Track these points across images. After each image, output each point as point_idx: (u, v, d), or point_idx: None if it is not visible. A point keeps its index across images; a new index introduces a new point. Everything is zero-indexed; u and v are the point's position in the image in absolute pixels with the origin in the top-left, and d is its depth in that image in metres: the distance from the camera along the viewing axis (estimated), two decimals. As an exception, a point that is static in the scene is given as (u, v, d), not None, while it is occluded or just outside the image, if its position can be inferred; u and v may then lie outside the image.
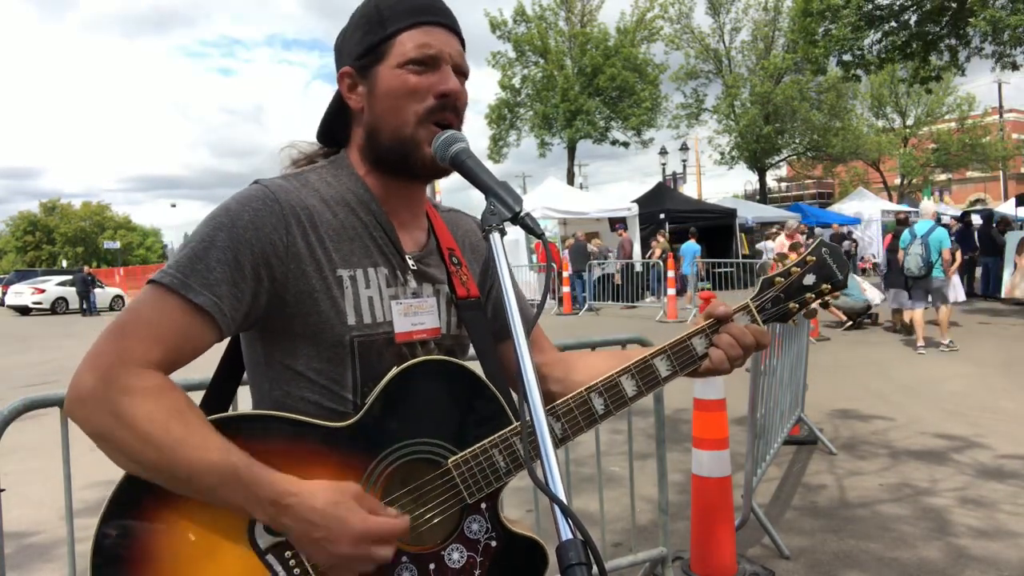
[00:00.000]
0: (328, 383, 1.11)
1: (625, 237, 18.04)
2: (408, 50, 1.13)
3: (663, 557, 3.22)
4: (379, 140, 1.16)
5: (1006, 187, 39.36)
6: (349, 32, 1.19)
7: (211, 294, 1.03)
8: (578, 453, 4.65)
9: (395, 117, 1.14)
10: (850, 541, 3.64)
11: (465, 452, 1.10)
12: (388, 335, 1.14)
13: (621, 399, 1.16)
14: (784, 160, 35.25)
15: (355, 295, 1.12)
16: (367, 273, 1.14)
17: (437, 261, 1.24)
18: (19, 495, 4.38)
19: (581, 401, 1.15)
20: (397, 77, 1.13)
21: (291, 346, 1.11)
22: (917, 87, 18.82)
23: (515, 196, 1.12)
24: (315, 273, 1.09)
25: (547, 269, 1.27)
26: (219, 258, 1.04)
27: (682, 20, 30.31)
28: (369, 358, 1.12)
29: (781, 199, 41.54)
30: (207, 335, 1.04)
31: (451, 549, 1.10)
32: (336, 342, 1.10)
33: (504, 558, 1.12)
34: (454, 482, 1.09)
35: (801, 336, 5.24)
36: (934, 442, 5.30)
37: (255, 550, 1.03)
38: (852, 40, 15.59)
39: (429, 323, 1.18)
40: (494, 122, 29.57)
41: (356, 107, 1.17)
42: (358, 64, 1.16)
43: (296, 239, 1.08)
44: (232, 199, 1.10)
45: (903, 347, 9.56)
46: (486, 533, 1.11)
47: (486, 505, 1.12)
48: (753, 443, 3.65)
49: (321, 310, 1.09)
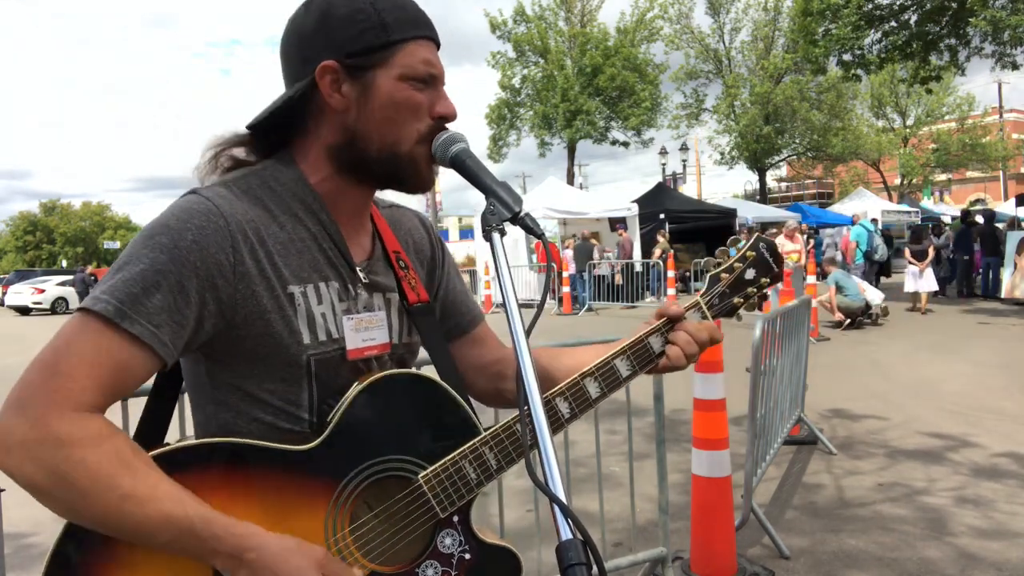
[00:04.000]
0: (283, 404, 1.06)
1: (625, 237, 18.03)
2: (415, 63, 1.08)
3: (663, 557, 3.22)
4: (366, 148, 1.09)
5: (1006, 187, 39.34)
6: (331, 23, 1.07)
7: (150, 324, 0.95)
8: (578, 453, 4.65)
9: (393, 130, 1.09)
10: (850, 541, 3.64)
11: (435, 466, 1.08)
12: (342, 351, 1.09)
13: (586, 401, 1.18)
14: (784, 160, 35.25)
15: (308, 312, 1.06)
16: (318, 288, 1.08)
17: (385, 268, 1.20)
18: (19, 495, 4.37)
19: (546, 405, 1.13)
20: (400, 89, 1.07)
21: (241, 367, 1.04)
22: (917, 87, 18.81)
23: (515, 196, 1.13)
24: (266, 292, 1.03)
25: (547, 269, 1.27)
26: (159, 283, 0.96)
27: (682, 20, 30.34)
28: (326, 376, 1.08)
29: (781, 199, 41.49)
30: (147, 367, 0.97)
31: (425, 566, 1.08)
32: (292, 362, 1.05)
33: (478, 570, 1.11)
34: (426, 498, 1.07)
35: (801, 336, 5.24)
36: (933, 442, 5.30)
37: None
38: (852, 40, 15.58)
39: (379, 338, 1.15)
40: (494, 122, 29.57)
41: (339, 107, 1.08)
42: (350, 62, 1.06)
43: (244, 257, 1.01)
44: (171, 214, 1.01)
45: (903, 347, 9.56)
46: (460, 546, 1.10)
47: (458, 518, 1.10)
48: (753, 443, 3.65)
49: (274, 331, 1.03)
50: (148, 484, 0.92)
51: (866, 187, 34.17)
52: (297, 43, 1.10)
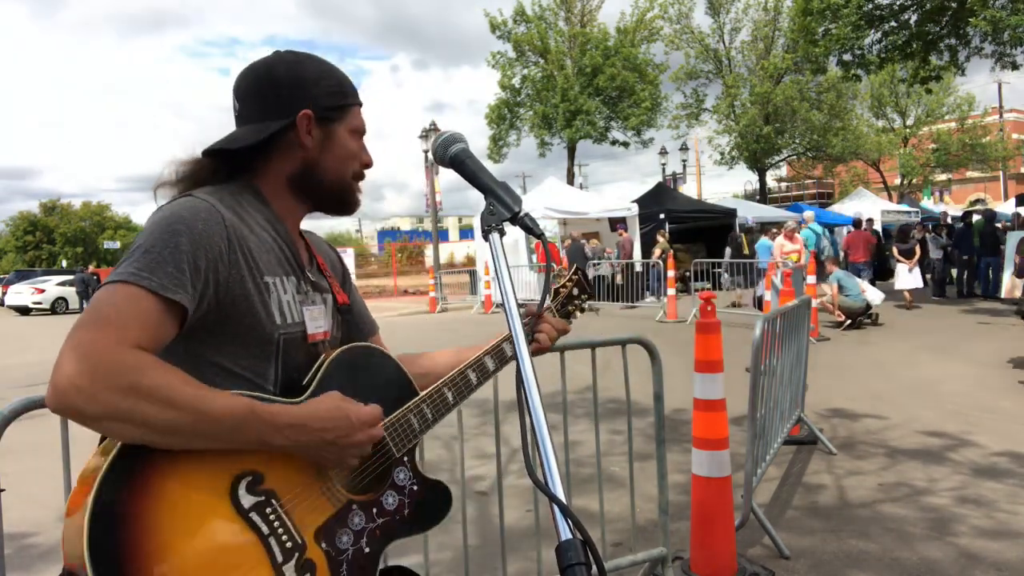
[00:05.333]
0: (252, 376, 1.24)
1: (625, 237, 18.03)
2: (359, 123, 1.40)
3: (663, 557, 3.22)
4: (322, 179, 1.37)
5: (1006, 187, 39.35)
6: (308, 80, 1.33)
7: (184, 291, 1.12)
8: (578, 453, 4.65)
9: (343, 169, 1.38)
10: (850, 541, 3.64)
11: (391, 417, 1.35)
12: (303, 334, 1.32)
13: (486, 372, 1.52)
14: (784, 160, 35.21)
15: (278, 298, 1.28)
16: (282, 281, 1.30)
17: (319, 273, 1.45)
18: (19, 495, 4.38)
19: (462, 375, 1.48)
20: (350, 140, 1.38)
21: (221, 344, 1.22)
22: (917, 87, 18.79)
23: (514, 196, 1.17)
24: (250, 278, 1.23)
25: (547, 269, 1.28)
26: (185, 260, 1.13)
27: (682, 20, 30.27)
28: (289, 354, 1.29)
29: (781, 199, 41.44)
30: (176, 328, 1.14)
31: (387, 495, 1.35)
32: (266, 340, 1.25)
33: (424, 497, 1.42)
34: (386, 442, 1.34)
35: (801, 336, 5.24)
36: (933, 442, 5.30)
37: (238, 511, 1.12)
38: (852, 40, 15.57)
39: (325, 326, 1.40)
40: (494, 122, 29.54)
41: (308, 145, 1.33)
42: (322, 114, 1.33)
43: (235, 247, 1.21)
44: (181, 208, 1.19)
45: (903, 347, 9.56)
46: (410, 480, 1.40)
47: (407, 458, 1.40)
48: (753, 443, 3.65)
49: (256, 311, 1.23)
50: (207, 388, 1.11)
51: (866, 187, 34.13)
52: (274, 88, 1.33)
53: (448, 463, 5.11)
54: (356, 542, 1.27)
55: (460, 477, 2.95)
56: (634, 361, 3.22)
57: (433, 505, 1.43)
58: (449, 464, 5.08)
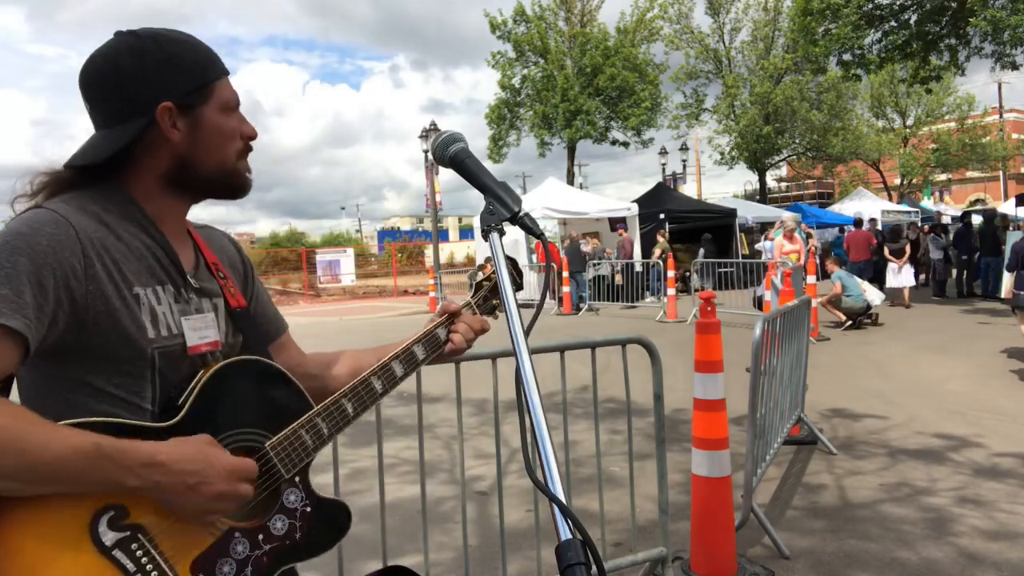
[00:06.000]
0: (127, 395, 1.16)
1: (625, 237, 18.03)
2: (228, 96, 1.27)
3: (663, 557, 3.22)
4: (198, 169, 1.25)
5: (1006, 187, 39.33)
6: (155, 68, 1.20)
7: (23, 317, 1.03)
8: (578, 453, 4.65)
9: (220, 153, 1.27)
10: (851, 541, 3.64)
11: (279, 435, 1.26)
12: (182, 347, 1.23)
13: (393, 379, 1.42)
14: (784, 160, 35.20)
15: (151, 310, 1.19)
16: (156, 291, 1.21)
17: (208, 276, 1.34)
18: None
19: (364, 383, 1.38)
20: (222, 120, 1.26)
21: (91, 363, 1.14)
22: (917, 87, 18.78)
23: (514, 196, 1.16)
24: (114, 292, 1.14)
25: (547, 269, 1.27)
26: (25, 281, 1.04)
27: (682, 20, 30.25)
28: (167, 369, 1.20)
29: (781, 199, 41.43)
30: (14, 359, 1.05)
31: (275, 519, 1.26)
32: (138, 356, 1.16)
33: (318, 519, 1.31)
34: (272, 462, 1.24)
35: (801, 336, 5.24)
36: (934, 442, 5.29)
37: (100, 550, 1.05)
38: (852, 40, 15.57)
39: (212, 336, 1.29)
40: (494, 122, 29.51)
41: (176, 139, 1.22)
42: (182, 102, 1.21)
43: (93, 261, 1.12)
44: (21, 224, 1.10)
45: (903, 347, 9.56)
46: (302, 501, 1.29)
47: (299, 478, 1.29)
48: (753, 443, 3.65)
49: (124, 326, 1.14)
50: (52, 428, 1.02)
51: (866, 187, 34.13)
52: (119, 84, 1.20)
53: (448, 463, 5.11)
54: (240, 571, 1.19)
55: (460, 477, 2.95)
56: (634, 361, 3.22)
57: (329, 527, 1.33)
58: (449, 464, 5.08)
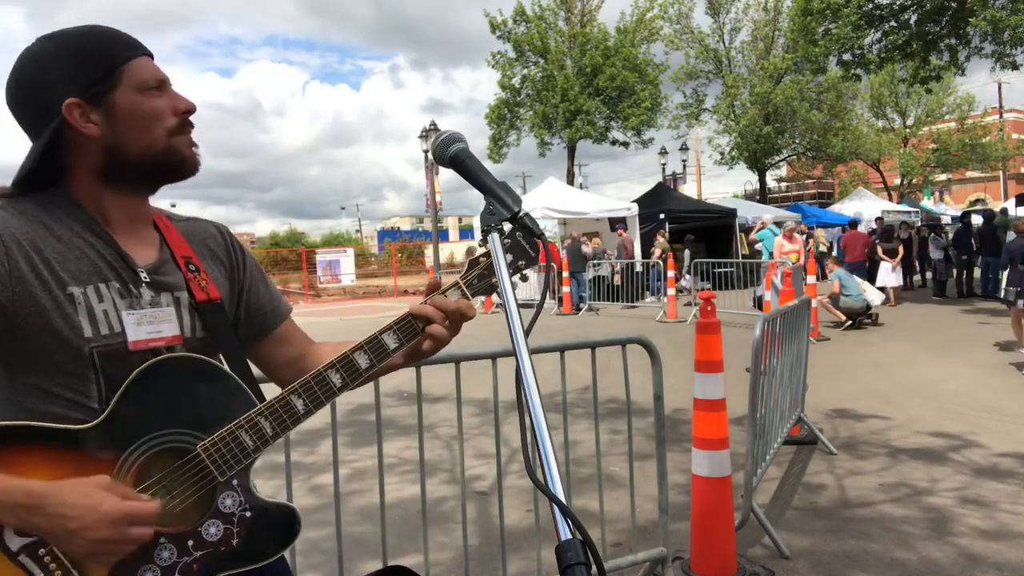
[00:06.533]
0: (74, 395, 1.15)
1: (625, 237, 18.02)
2: (144, 76, 1.21)
3: (663, 557, 3.22)
4: (127, 157, 1.21)
5: (1006, 187, 39.33)
6: (56, 67, 1.17)
7: None
8: (578, 453, 4.65)
9: (145, 135, 1.21)
10: (851, 541, 3.64)
11: (213, 436, 1.18)
12: (125, 344, 1.18)
13: (356, 373, 1.27)
14: (784, 160, 35.19)
15: (88, 309, 1.16)
16: (98, 288, 1.18)
17: (173, 270, 1.29)
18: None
19: (318, 377, 1.24)
20: (139, 100, 1.20)
21: (31, 364, 1.13)
22: (917, 87, 18.78)
23: (514, 196, 1.16)
24: (44, 293, 1.12)
25: (547, 269, 1.27)
26: None
27: (682, 20, 30.26)
28: (111, 367, 1.16)
29: (781, 199, 41.42)
30: None
31: (208, 524, 1.19)
32: (75, 356, 1.14)
33: (259, 524, 1.23)
34: (204, 464, 1.17)
35: (801, 336, 5.24)
36: (934, 442, 5.29)
37: (6, 554, 1.04)
38: (852, 39, 15.57)
39: (167, 331, 1.24)
40: (494, 122, 29.51)
41: (94, 134, 1.19)
42: (89, 93, 1.17)
43: (19, 263, 1.11)
44: None
45: (903, 347, 9.56)
46: (240, 506, 1.21)
47: (237, 481, 1.21)
48: (753, 443, 3.65)
49: (55, 327, 1.12)
50: None
51: (866, 187, 34.13)
52: (29, 92, 1.19)
53: (448, 463, 5.11)
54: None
55: (460, 477, 2.95)
56: (634, 361, 3.22)
57: (271, 533, 1.24)
58: (449, 464, 5.08)
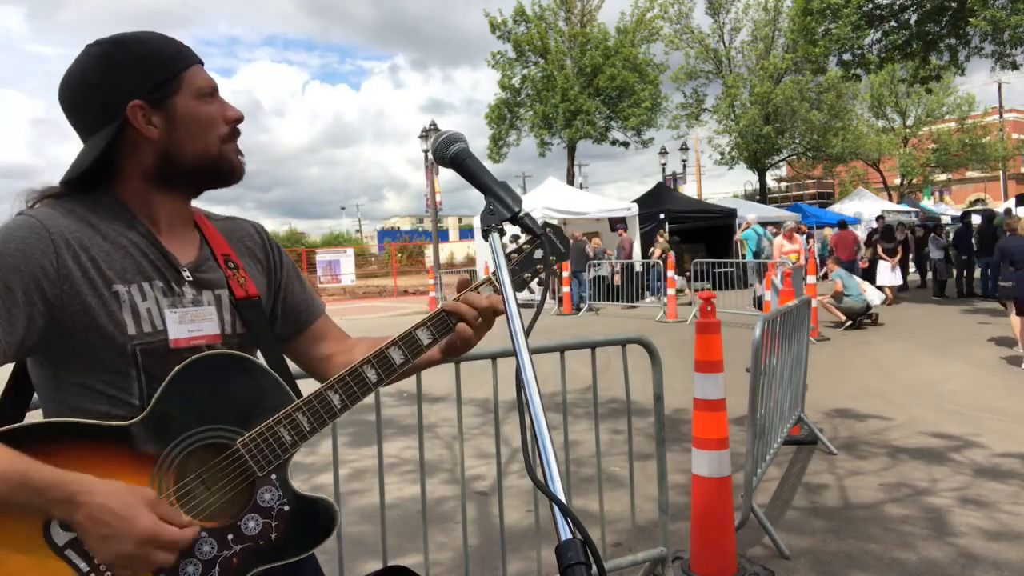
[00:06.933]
0: (116, 392, 1.18)
1: (625, 237, 18.02)
2: (200, 83, 1.26)
3: (663, 557, 3.22)
4: (183, 161, 1.25)
5: (1006, 187, 39.33)
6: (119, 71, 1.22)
7: None
8: (578, 453, 4.65)
9: (201, 140, 1.26)
10: (851, 541, 3.64)
11: (252, 432, 1.20)
12: (167, 341, 1.22)
13: (391, 368, 1.29)
14: (784, 160, 35.20)
15: (133, 307, 1.19)
16: (142, 287, 1.21)
17: (214, 267, 1.32)
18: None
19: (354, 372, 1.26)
20: (197, 107, 1.25)
21: (76, 362, 1.16)
22: (917, 87, 18.78)
23: (514, 196, 1.17)
24: (90, 291, 1.15)
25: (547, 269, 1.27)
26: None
27: (682, 20, 30.27)
28: (152, 365, 1.19)
29: (781, 199, 41.43)
30: None
31: (247, 519, 1.21)
32: (119, 353, 1.17)
33: (297, 518, 1.25)
34: (243, 459, 1.20)
35: (801, 336, 5.24)
36: (934, 442, 5.29)
37: (53, 549, 1.07)
38: (852, 40, 15.58)
39: (208, 329, 1.27)
40: (494, 122, 29.52)
41: (153, 136, 1.23)
42: (152, 97, 1.22)
43: (67, 261, 1.14)
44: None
45: (903, 347, 9.56)
46: (278, 500, 1.24)
47: (276, 476, 1.23)
48: (753, 443, 3.65)
49: (100, 325, 1.15)
50: None
51: (866, 187, 34.13)
52: (88, 94, 1.23)
53: (448, 463, 5.11)
54: (206, 572, 1.16)
55: (460, 477, 2.95)
56: (634, 361, 3.22)
57: (310, 527, 1.27)
58: (449, 464, 5.08)
